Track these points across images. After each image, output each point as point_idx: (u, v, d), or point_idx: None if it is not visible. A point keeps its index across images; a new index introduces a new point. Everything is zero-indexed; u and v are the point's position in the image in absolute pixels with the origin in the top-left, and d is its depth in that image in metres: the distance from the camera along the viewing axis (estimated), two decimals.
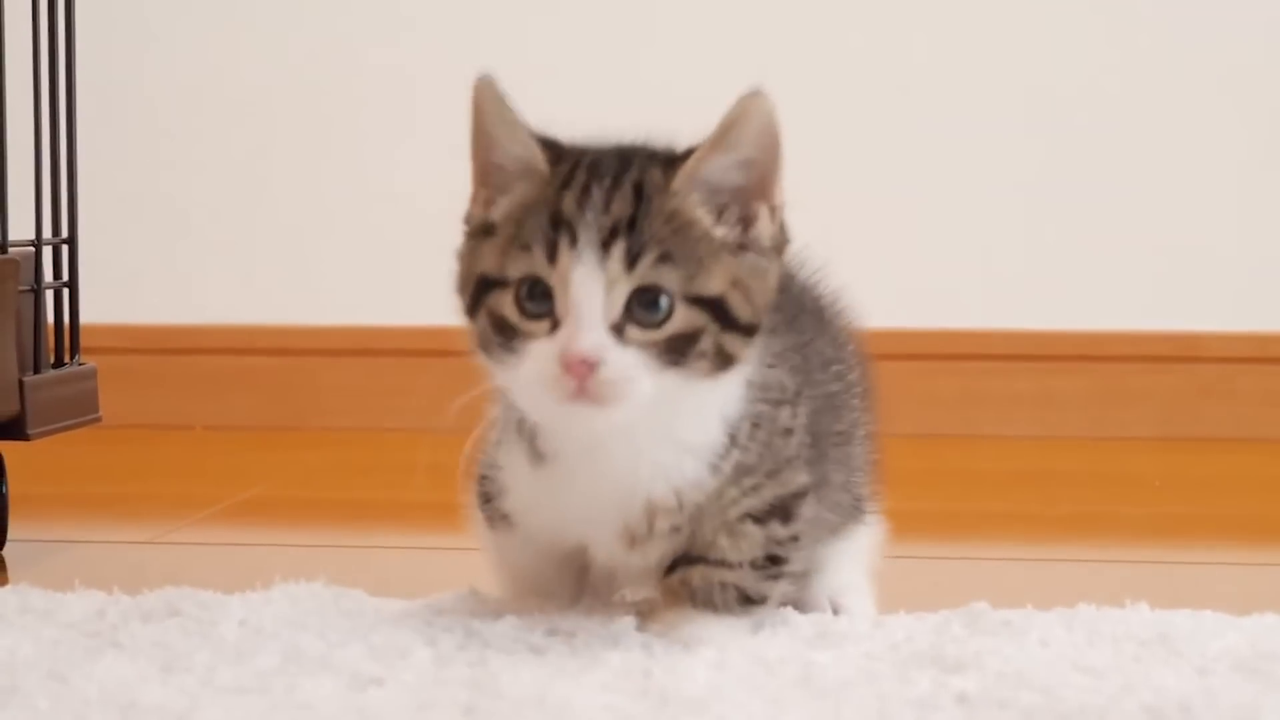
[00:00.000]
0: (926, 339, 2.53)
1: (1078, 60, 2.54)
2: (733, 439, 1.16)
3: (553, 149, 1.16)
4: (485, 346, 1.14)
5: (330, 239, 2.62)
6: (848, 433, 1.29)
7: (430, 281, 2.69)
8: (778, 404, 1.18)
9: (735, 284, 1.12)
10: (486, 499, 1.27)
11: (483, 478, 1.28)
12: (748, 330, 1.12)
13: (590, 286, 1.09)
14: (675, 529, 1.18)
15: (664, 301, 1.09)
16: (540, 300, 1.10)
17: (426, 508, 1.95)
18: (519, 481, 1.22)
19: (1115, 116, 2.54)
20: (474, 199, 1.19)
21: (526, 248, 1.11)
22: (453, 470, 2.06)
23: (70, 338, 1.65)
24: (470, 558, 1.56)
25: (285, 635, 1.18)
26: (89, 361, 1.66)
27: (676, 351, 1.10)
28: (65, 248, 1.66)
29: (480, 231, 1.17)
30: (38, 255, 1.61)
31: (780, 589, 1.22)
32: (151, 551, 1.67)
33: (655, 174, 1.13)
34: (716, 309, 1.11)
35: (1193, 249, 2.54)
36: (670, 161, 1.14)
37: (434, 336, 2.55)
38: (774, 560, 1.20)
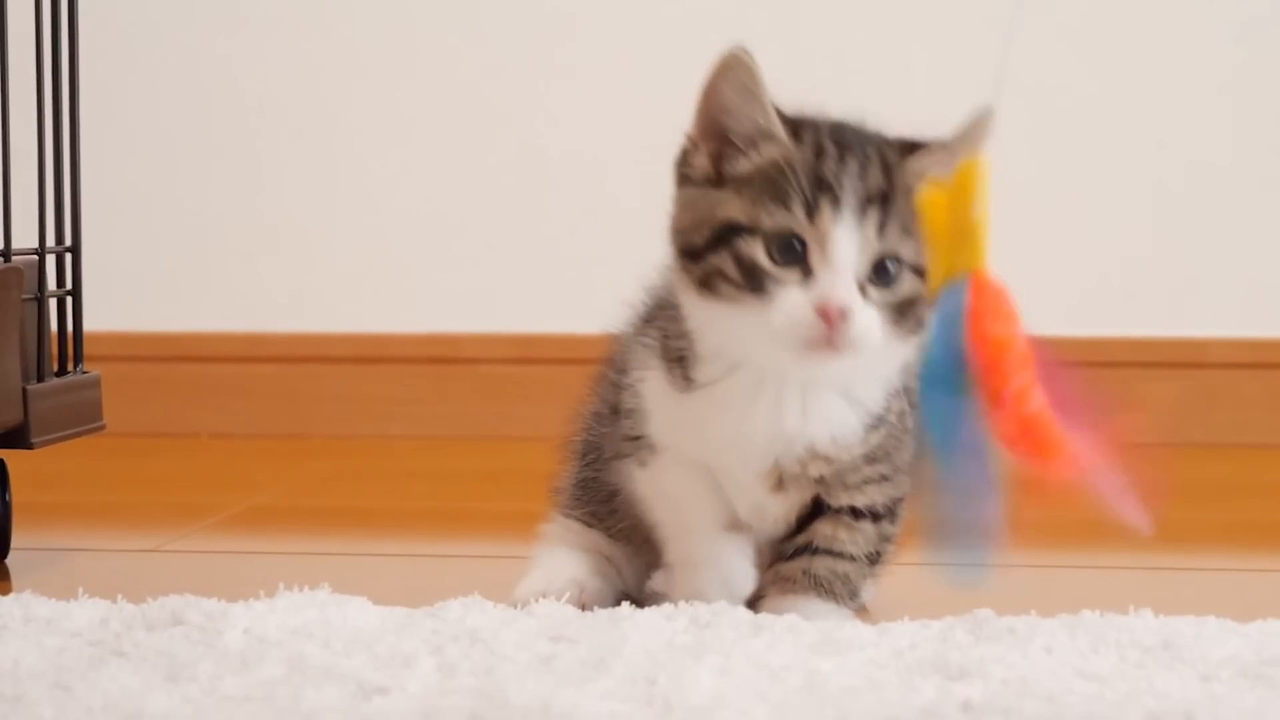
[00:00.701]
0: None
1: (1073, 65, 2.55)
2: (884, 414, 1.28)
3: (790, 122, 1.24)
4: (713, 287, 1.22)
5: (334, 247, 2.62)
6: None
7: (434, 289, 2.70)
8: (907, 409, 1.29)
9: (928, 258, 1.24)
10: (630, 439, 1.33)
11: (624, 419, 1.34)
12: (929, 302, 1.24)
13: (849, 245, 1.19)
14: (820, 480, 1.28)
15: (893, 267, 1.21)
16: (789, 252, 1.20)
17: (430, 515, 1.96)
18: (662, 407, 1.29)
19: (1113, 118, 2.54)
20: (695, 150, 1.25)
21: (783, 204, 1.20)
22: (454, 477, 2.06)
23: (73, 346, 1.65)
24: (474, 565, 1.57)
25: (289, 644, 1.18)
26: (93, 370, 1.66)
27: (899, 313, 1.21)
28: (69, 256, 1.66)
29: (708, 182, 1.24)
30: (41, 263, 1.61)
31: (868, 588, 1.36)
32: (155, 560, 1.67)
33: (894, 154, 1.24)
34: (924, 279, 1.23)
35: (1198, 255, 2.54)
36: (900, 146, 1.25)
37: (438, 344, 2.58)
38: (876, 558, 1.33)
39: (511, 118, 2.59)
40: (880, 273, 1.20)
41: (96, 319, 1.73)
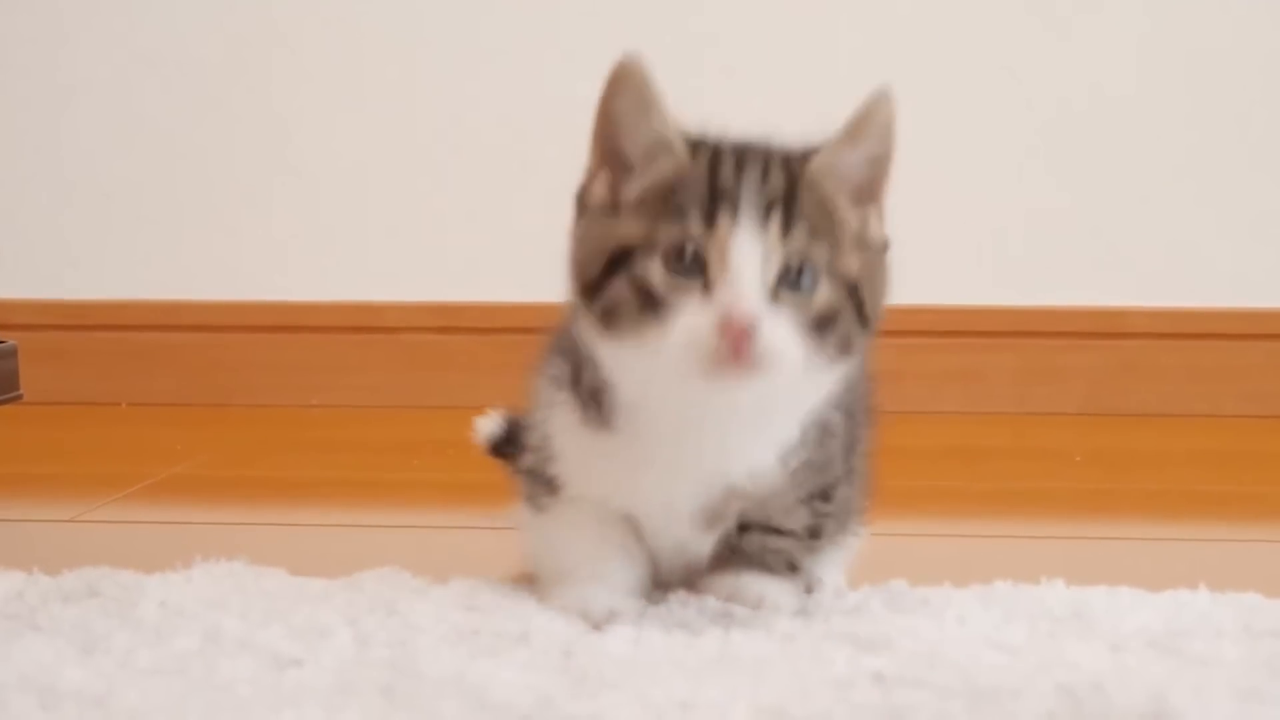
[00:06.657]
0: None
1: (989, 31, 2.56)
2: (803, 440, 1.21)
3: (687, 139, 1.16)
4: (613, 321, 1.14)
5: (255, 214, 2.61)
6: (860, 442, 1.32)
7: (356, 258, 2.69)
8: (836, 409, 1.22)
9: (863, 273, 1.16)
10: (534, 474, 1.26)
11: (528, 454, 1.28)
12: (866, 325, 1.16)
13: (749, 252, 1.11)
14: (742, 513, 1.23)
15: (810, 274, 1.12)
16: (690, 265, 1.11)
17: (350, 485, 1.95)
18: (575, 448, 1.23)
19: (1045, 94, 2.56)
20: (593, 179, 1.18)
21: (680, 214, 1.12)
22: (375, 448, 2.05)
23: None
24: (392, 535, 1.56)
25: (205, 616, 1.18)
26: (9, 339, 1.65)
27: (819, 330, 1.12)
28: None
29: (606, 210, 1.17)
30: None
31: (810, 561, 1.27)
32: (72, 531, 1.66)
33: (798, 160, 1.16)
34: (852, 293, 1.15)
35: (1118, 225, 2.56)
36: (805, 153, 1.17)
37: (360, 313, 2.57)
38: (814, 533, 1.25)
39: (436, 88, 2.58)
40: (797, 279, 1.12)
41: (12, 287, 1.72)
